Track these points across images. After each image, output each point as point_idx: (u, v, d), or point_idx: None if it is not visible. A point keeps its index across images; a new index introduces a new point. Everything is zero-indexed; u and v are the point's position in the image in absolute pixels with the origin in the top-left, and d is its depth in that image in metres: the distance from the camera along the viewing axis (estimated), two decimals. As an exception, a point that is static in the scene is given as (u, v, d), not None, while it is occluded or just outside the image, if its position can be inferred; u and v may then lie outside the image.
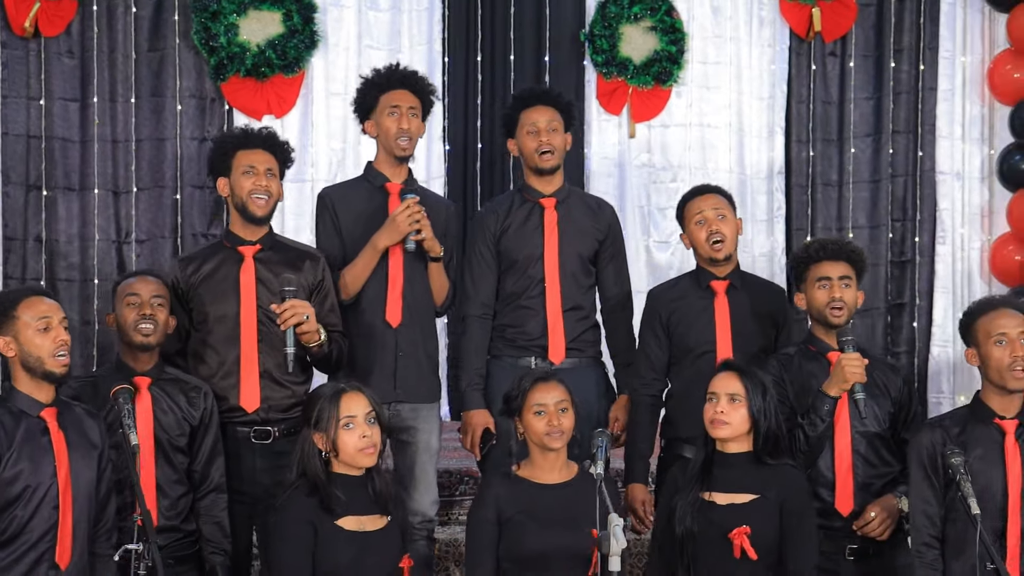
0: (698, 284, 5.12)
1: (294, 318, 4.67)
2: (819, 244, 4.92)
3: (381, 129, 5.15)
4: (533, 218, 5.26)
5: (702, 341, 5.02)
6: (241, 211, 4.93)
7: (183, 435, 4.64)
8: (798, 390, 4.76)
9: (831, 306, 4.74)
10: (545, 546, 4.33)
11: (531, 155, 5.24)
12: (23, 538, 4.08)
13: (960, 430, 4.40)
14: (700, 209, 5.07)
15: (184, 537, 4.62)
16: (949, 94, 8.01)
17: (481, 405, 5.12)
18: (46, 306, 4.19)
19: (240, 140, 5.00)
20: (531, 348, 5.19)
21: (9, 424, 4.12)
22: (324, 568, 4.18)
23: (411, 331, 5.11)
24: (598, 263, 5.32)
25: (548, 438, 4.41)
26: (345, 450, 4.25)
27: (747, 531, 4.26)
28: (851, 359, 4.57)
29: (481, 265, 5.25)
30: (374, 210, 5.13)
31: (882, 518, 4.62)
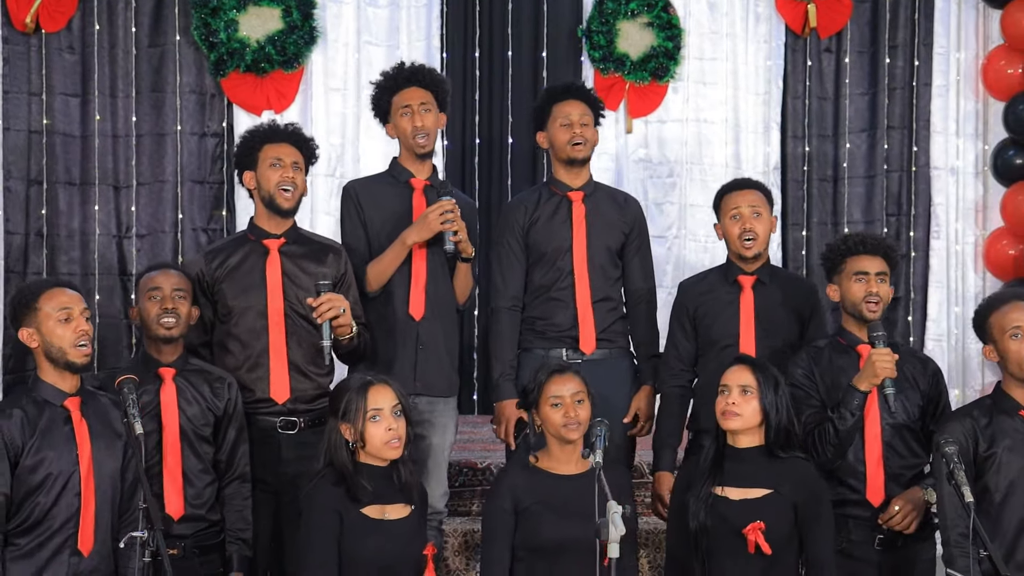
0: (726, 278, 5.15)
1: (331, 311, 4.73)
2: (858, 238, 4.91)
3: (399, 130, 5.22)
4: (561, 211, 5.30)
5: (726, 334, 5.05)
6: (268, 204, 4.97)
7: (208, 425, 4.69)
8: (828, 383, 4.78)
9: (867, 300, 4.76)
10: (561, 536, 4.36)
11: (563, 147, 5.28)
12: (46, 524, 4.15)
13: (988, 421, 4.45)
14: (737, 204, 5.09)
15: (210, 527, 4.68)
16: (943, 90, 8.04)
17: (514, 395, 5.14)
18: (67, 297, 4.26)
19: (267, 134, 5.05)
20: (561, 339, 5.23)
21: (33, 413, 4.20)
22: (350, 555, 4.23)
23: (433, 325, 5.16)
24: (624, 256, 5.36)
25: (565, 429, 4.45)
26: (372, 442, 4.30)
27: (762, 527, 4.29)
28: (882, 354, 4.59)
29: (510, 258, 5.30)
30: (398, 205, 5.19)
31: (907, 511, 4.65)
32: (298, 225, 5.11)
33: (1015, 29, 7.71)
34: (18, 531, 4.14)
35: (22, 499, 4.14)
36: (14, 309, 4.31)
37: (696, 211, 7.94)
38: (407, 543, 4.32)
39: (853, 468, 4.72)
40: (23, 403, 4.23)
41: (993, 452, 4.40)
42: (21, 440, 4.14)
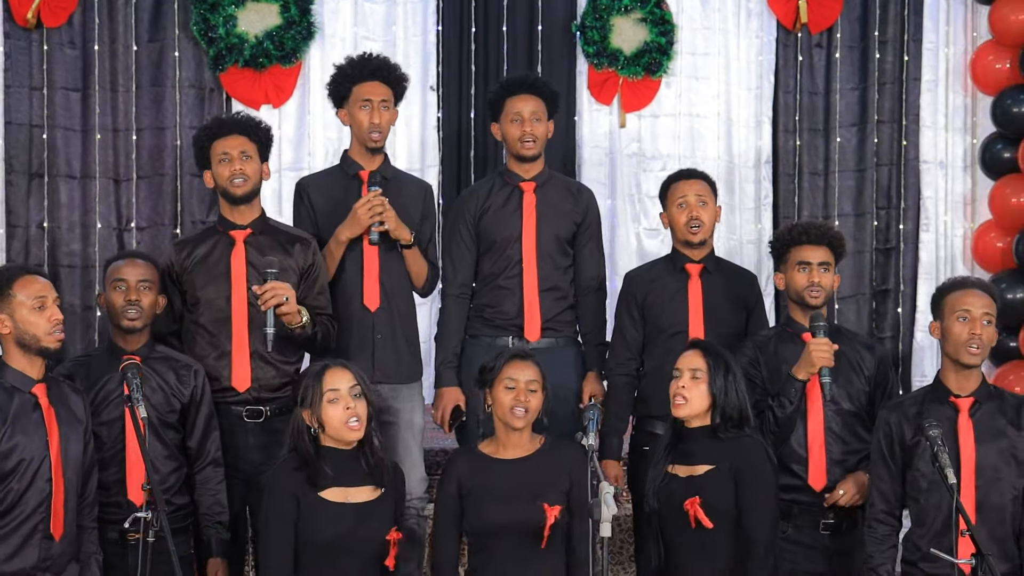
0: (673, 267, 5.25)
1: (274, 299, 4.77)
2: (801, 228, 5.01)
3: (354, 121, 5.25)
4: (512, 201, 5.37)
5: (675, 322, 5.17)
6: (224, 195, 5.05)
7: (173, 412, 4.76)
8: (772, 370, 4.89)
9: (808, 290, 4.87)
10: (502, 519, 4.46)
11: (513, 142, 5.35)
12: (18, 510, 4.21)
13: (917, 410, 4.53)
14: (684, 193, 5.20)
15: (176, 511, 4.72)
16: (933, 84, 8.10)
17: (453, 383, 5.26)
18: (40, 285, 4.31)
19: (213, 130, 5.11)
20: (508, 327, 5.31)
21: (3, 399, 4.24)
22: (306, 538, 4.29)
23: (388, 314, 5.21)
24: (575, 245, 5.42)
25: (512, 413, 4.53)
26: (331, 423, 4.36)
27: (697, 501, 4.37)
28: (819, 344, 4.68)
29: (460, 246, 5.38)
30: (347, 198, 5.22)
31: (851, 493, 4.76)
32: (267, 216, 5.17)
33: (1003, 24, 7.76)
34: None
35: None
36: None
37: (689, 205, 8.00)
38: (367, 525, 4.34)
39: (797, 454, 4.84)
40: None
41: (918, 439, 4.46)
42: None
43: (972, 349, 4.47)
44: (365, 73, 5.26)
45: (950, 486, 4.14)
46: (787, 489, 4.77)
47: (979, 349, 4.48)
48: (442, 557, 4.58)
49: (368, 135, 5.22)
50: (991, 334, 4.55)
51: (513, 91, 5.39)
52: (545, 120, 5.39)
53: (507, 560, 4.47)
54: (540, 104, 5.36)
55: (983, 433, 4.48)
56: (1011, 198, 7.76)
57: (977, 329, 4.46)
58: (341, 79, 5.30)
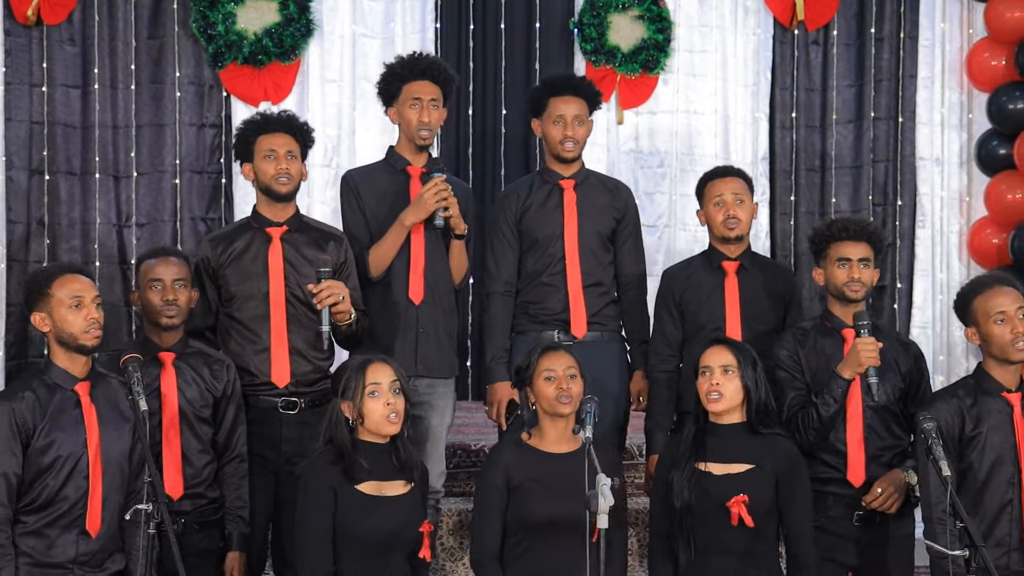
0: (710, 264, 5.28)
1: (331, 298, 4.83)
2: (841, 224, 5.01)
3: (403, 119, 5.29)
4: (553, 199, 5.41)
5: (713, 319, 5.18)
6: (266, 192, 5.08)
7: (207, 406, 4.80)
8: (812, 365, 4.89)
9: (849, 285, 4.87)
10: (551, 512, 4.48)
11: (554, 144, 5.38)
12: (55, 506, 4.25)
13: (973, 401, 4.56)
14: (720, 192, 5.21)
15: (209, 503, 4.79)
16: (929, 81, 8.13)
17: (505, 378, 5.26)
18: (79, 284, 4.35)
19: (260, 125, 5.14)
20: (554, 322, 5.34)
21: (44, 396, 4.28)
22: (344, 531, 4.34)
23: (432, 308, 5.26)
24: (615, 241, 5.46)
25: (558, 402, 4.56)
26: (371, 417, 4.41)
27: (745, 499, 4.41)
28: (866, 343, 4.70)
29: (503, 244, 5.41)
30: (396, 192, 5.28)
31: (888, 492, 4.76)
32: (300, 212, 5.22)
33: (999, 21, 7.81)
34: (28, 510, 4.24)
35: (32, 479, 4.24)
36: (27, 294, 4.40)
37: (686, 201, 7.98)
38: (403, 520, 4.41)
39: (834, 447, 4.83)
40: (34, 386, 4.32)
41: (979, 432, 4.51)
42: (32, 422, 4.23)
43: (1020, 345, 4.51)
44: (415, 72, 5.29)
45: (943, 478, 4.18)
46: (822, 481, 4.80)
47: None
48: (484, 548, 4.58)
49: (417, 132, 5.26)
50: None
51: (557, 91, 5.41)
52: (587, 121, 5.43)
53: (551, 552, 4.50)
54: (583, 106, 5.40)
55: None
56: (1007, 194, 7.80)
57: (1018, 327, 4.50)
58: (391, 78, 5.34)
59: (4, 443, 4.20)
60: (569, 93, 5.41)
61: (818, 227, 5.17)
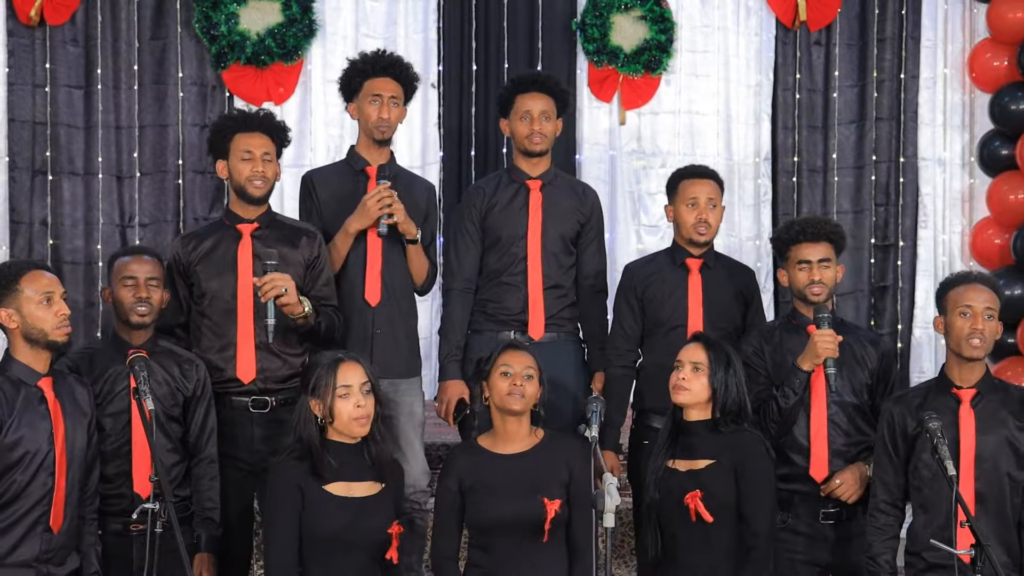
0: (673, 261, 5.27)
1: (273, 291, 4.80)
2: (799, 226, 5.00)
3: (362, 115, 5.27)
4: (519, 198, 5.38)
5: (674, 316, 5.18)
6: (239, 193, 5.06)
7: (176, 405, 4.76)
8: (776, 361, 4.91)
9: (811, 287, 4.88)
10: (502, 514, 4.47)
11: (521, 139, 5.36)
12: (21, 502, 4.22)
13: (920, 401, 4.55)
14: (695, 194, 5.19)
15: (179, 502, 4.70)
16: (931, 82, 8.15)
17: (457, 376, 5.26)
18: (47, 280, 4.32)
19: (238, 123, 5.11)
20: (511, 323, 5.32)
21: (9, 392, 4.25)
22: (310, 531, 4.31)
23: (389, 309, 5.23)
24: (579, 245, 5.44)
25: (509, 398, 4.53)
26: (340, 418, 4.37)
27: (699, 495, 4.40)
28: (824, 335, 4.72)
29: (466, 241, 5.39)
30: (354, 192, 5.24)
31: (848, 483, 4.78)
32: (272, 210, 5.19)
33: (1000, 22, 7.81)
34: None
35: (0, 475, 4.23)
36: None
37: (688, 201, 8.05)
38: (370, 520, 4.37)
39: (798, 444, 4.85)
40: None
41: (920, 431, 4.46)
42: (0, 418, 4.22)
43: (974, 342, 4.50)
44: (377, 69, 5.29)
45: (949, 478, 4.18)
46: (788, 479, 4.80)
47: (981, 342, 4.51)
48: (442, 551, 4.60)
49: (375, 128, 5.25)
50: (994, 328, 4.57)
51: (524, 88, 5.41)
52: (554, 119, 5.42)
53: (508, 554, 4.49)
54: (550, 102, 5.39)
55: (984, 424, 4.50)
56: (1009, 195, 7.81)
57: (979, 324, 4.49)
58: (353, 73, 5.34)
59: None
60: (535, 89, 5.39)
61: (778, 229, 5.22)
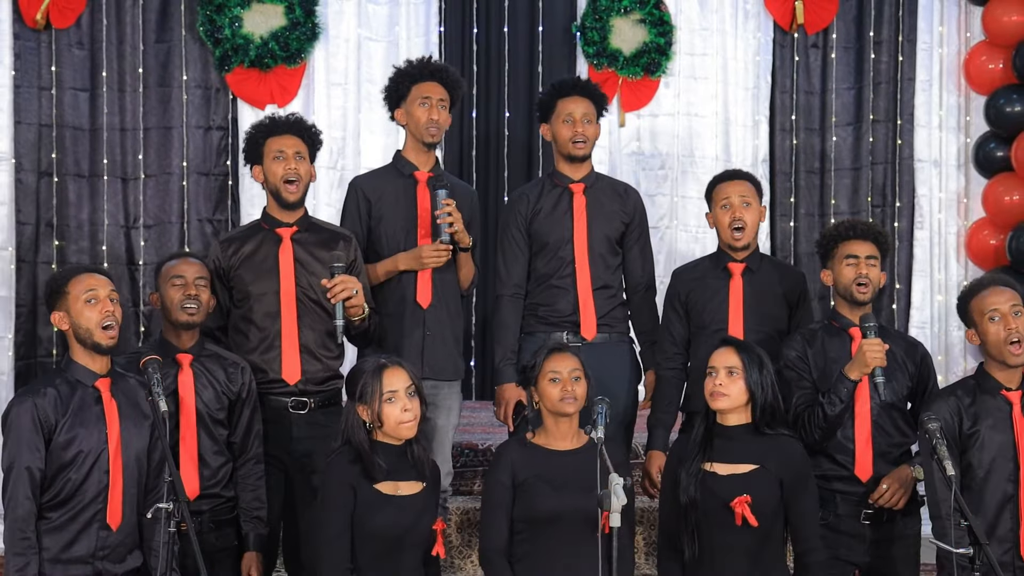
0: (717, 265, 5.33)
1: (344, 292, 4.91)
2: (849, 224, 5.11)
3: (411, 118, 5.38)
4: (563, 202, 5.47)
5: (716, 320, 5.23)
6: (275, 196, 5.16)
7: (223, 408, 4.88)
8: (820, 365, 4.96)
9: (857, 282, 4.94)
10: (557, 507, 4.55)
11: (565, 143, 5.44)
12: (77, 499, 4.35)
13: (971, 400, 4.63)
14: (728, 195, 5.27)
15: (225, 503, 4.87)
16: (927, 84, 8.20)
17: (513, 379, 5.32)
18: (94, 280, 4.44)
19: (268, 128, 5.22)
20: (563, 324, 5.40)
21: (65, 392, 4.38)
22: (362, 528, 4.42)
23: (439, 312, 5.35)
24: (624, 245, 5.53)
25: (562, 403, 4.62)
26: (388, 422, 4.47)
27: (748, 500, 4.45)
28: (872, 344, 4.76)
29: (513, 248, 5.47)
30: (404, 198, 5.37)
31: (894, 489, 4.83)
32: (309, 214, 5.30)
33: (996, 25, 7.89)
34: (51, 505, 4.33)
35: (55, 474, 4.33)
36: (48, 295, 4.50)
37: (687, 202, 8.11)
38: (418, 518, 4.49)
39: (842, 445, 4.90)
40: (56, 383, 4.41)
41: (976, 430, 4.58)
42: (54, 418, 4.32)
43: (1015, 348, 4.58)
44: (425, 73, 5.41)
45: (948, 478, 4.24)
46: (831, 479, 4.88)
47: (1020, 345, 4.59)
48: (492, 543, 4.64)
49: (426, 130, 5.35)
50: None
51: (565, 93, 5.50)
52: (595, 122, 5.50)
53: (558, 547, 4.56)
54: (591, 106, 5.48)
55: None
56: (1004, 196, 7.89)
57: (1011, 323, 4.57)
58: (401, 78, 5.44)
59: (28, 438, 4.30)
60: (577, 94, 5.49)
61: (826, 229, 5.26)
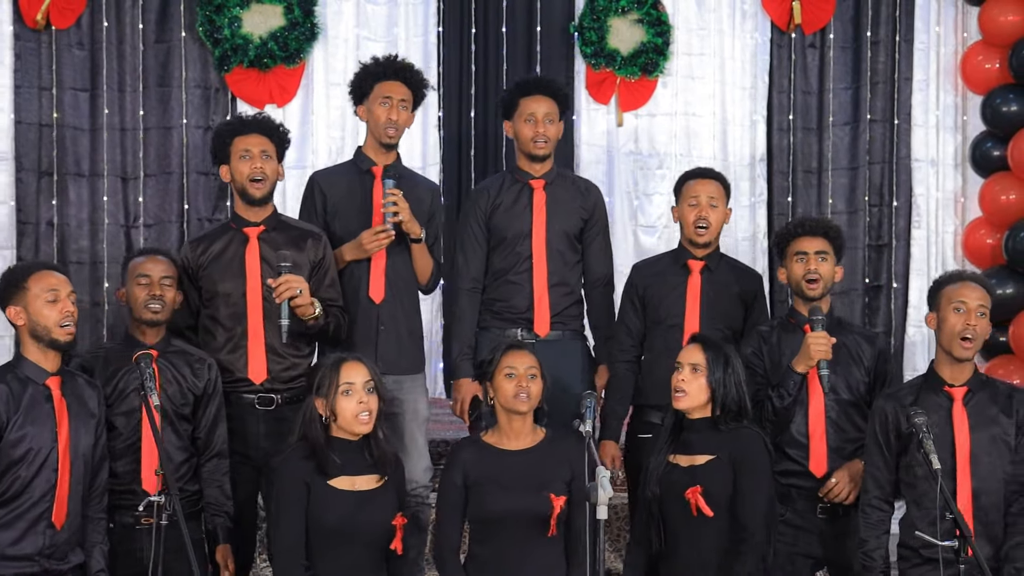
0: (676, 262, 5.38)
1: (288, 292, 4.90)
2: (798, 221, 5.17)
3: (371, 116, 5.37)
4: (522, 198, 5.48)
5: (672, 314, 5.28)
6: (242, 194, 5.18)
7: (187, 404, 4.88)
8: (774, 360, 5.00)
9: (806, 278, 4.97)
10: (506, 508, 4.57)
11: (526, 142, 5.46)
12: (24, 497, 4.33)
13: (913, 399, 4.62)
14: (696, 193, 5.30)
15: (188, 496, 4.85)
16: (924, 84, 8.23)
17: (470, 374, 5.35)
18: (55, 279, 4.43)
19: (236, 127, 5.24)
20: (517, 320, 5.41)
21: (16, 389, 4.36)
22: (316, 524, 4.43)
23: (393, 307, 5.32)
24: (583, 241, 5.53)
25: (516, 400, 4.64)
26: (343, 415, 4.48)
27: (699, 490, 4.48)
28: (817, 337, 4.81)
29: (472, 242, 5.48)
30: (359, 192, 5.37)
31: (844, 483, 4.87)
32: (278, 212, 5.31)
33: (992, 25, 7.91)
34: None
35: (3, 471, 4.31)
36: (3, 288, 4.46)
37: (685, 202, 8.13)
38: (376, 513, 4.48)
39: (797, 441, 4.94)
40: (7, 379, 4.39)
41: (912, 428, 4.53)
42: (5, 415, 4.31)
43: (966, 343, 4.58)
44: (389, 72, 5.40)
45: (934, 471, 4.26)
46: (786, 474, 4.90)
47: (972, 341, 4.59)
48: (445, 544, 4.69)
49: (384, 131, 5.35)
50: (985, 326, 4.64)
51: (527, 91, 5.51)
52: (557, 121, 5.51)
53: (510, 547, 4.59)
54: (553, 105, 5.48)
55: (977, 421, 4.58)
56: (1000, 195, 7.91)
57: (971, 320, 4.57)
58: (365, 76, 5.44)
59: None
60: (539, 92, 5.49)
61: (779, 229, 5.31)
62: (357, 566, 4.48)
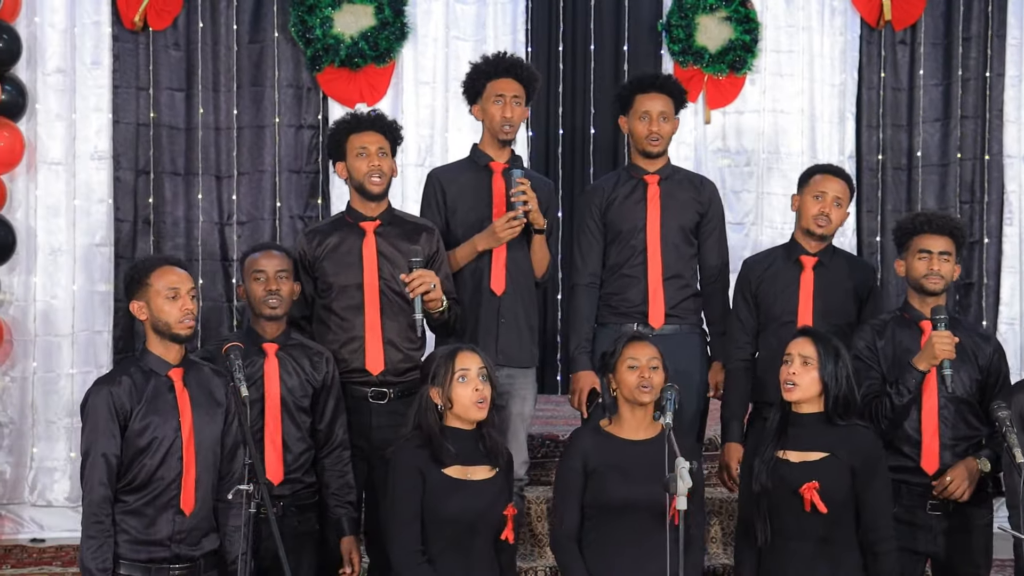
0: (789, 257, 5.39)
1: (422, 286, 5.03)
2: (925, 217, 5.17)
3: (486, 115, 5.49)
4: (637, 192, 5.55)
5: (786, 311, 5.30)
6: (360, 191, 5.29)
7: (306, 396, 5.02)
8: (889, 356, 5.01)
9: (928, 277, 4.98)
10: (626, 495, 4.62)
11: (640, 139, 5.53)
12: (152, 485, 4.50)
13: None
14: (824, 189, 5.33)
15: (305, 488, 5.01)
16: (1016, 80, 8.12)
17: (588, 367, 5.42)
18: (176, 276, 4.58)
19: (351, 125, 5.36)
20: (632, 314, 5.48)
21: (140, 381, 4.53)
22: (432, 513, 4.52)
23: (513, 299, 5.43)
24: (699, 235, 5.59)
25: (639, 391, 4.69)
26: (459, 402, 4.59)
27: (816, 486, 4.51)
28: (942, 336, 4.81)
29: (588, 237, 5.57)
30: (479, 188, 5.48)
31: (959, 481, 4.85)
32: (392, 206, 5.41)
33: (1086, 20, 7.81)
34: (127, 489, 4.49)
35: (131, 460, 4.48)
36: (127, 282, 4.64)
37: (772, 199, 8.11)
38: (488, 503, 4.58)
39: (910, 437, 4.94)
40: (131, 371, 4.56)
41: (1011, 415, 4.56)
42: (129, 405, 4.48)
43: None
44: (500, 70, 5.50)
45: (1018, 465, 4.27)
46: (897, 470, 4.90)
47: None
48: (563, 529, 4.74)
49: (500, 128, 5.46)
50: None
51: (643, 88, 5.57)
52: (672, 118, 5.56)
53: (628, 535, 4.64)
54: (668, 103, 5.55)
55: None
56: (1093, 192, 7.80)
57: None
58: (476, 75, 5.55)
59: (103, 425, 4.47)
60: (655, 90, 5.56)
61: (902, 220, 5.28)
62: (471, 554, 4.57)
